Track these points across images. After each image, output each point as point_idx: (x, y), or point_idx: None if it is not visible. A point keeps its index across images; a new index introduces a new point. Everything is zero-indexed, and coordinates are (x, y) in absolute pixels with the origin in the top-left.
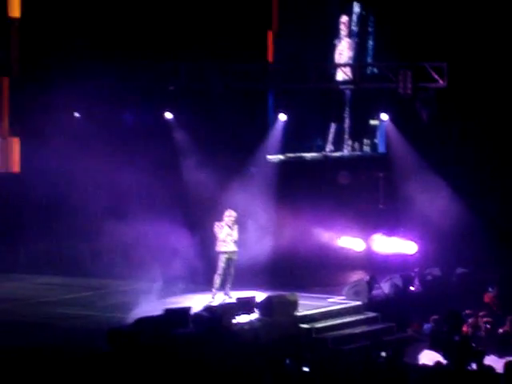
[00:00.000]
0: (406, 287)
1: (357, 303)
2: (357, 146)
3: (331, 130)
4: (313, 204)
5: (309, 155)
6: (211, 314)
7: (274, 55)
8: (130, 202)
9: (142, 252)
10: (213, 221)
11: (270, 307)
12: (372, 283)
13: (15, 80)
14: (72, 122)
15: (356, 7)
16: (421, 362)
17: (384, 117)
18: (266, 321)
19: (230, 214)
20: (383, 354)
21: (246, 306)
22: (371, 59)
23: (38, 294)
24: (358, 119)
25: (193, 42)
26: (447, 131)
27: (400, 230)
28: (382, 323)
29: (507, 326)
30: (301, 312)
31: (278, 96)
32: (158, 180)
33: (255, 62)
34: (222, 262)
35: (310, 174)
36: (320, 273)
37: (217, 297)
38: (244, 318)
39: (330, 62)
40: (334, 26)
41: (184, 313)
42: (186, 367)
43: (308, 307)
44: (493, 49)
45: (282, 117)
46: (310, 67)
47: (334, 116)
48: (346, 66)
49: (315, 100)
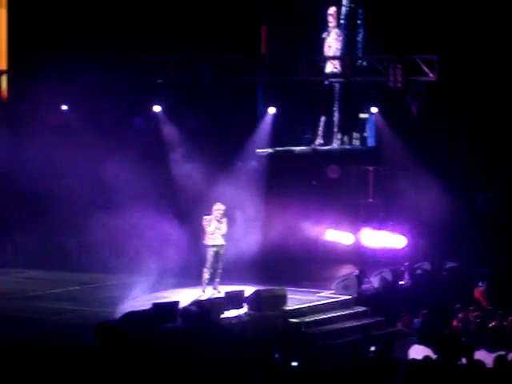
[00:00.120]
0: (395, 281)
1: (346, 297)
2: (346, 139)
3: (321, 123)
4: (302, 198)
5: (298, 149)
6: (199, 309)
7: (264, 48)
8: (118, 195)
9: (131, 246)
10: (202, 214)
11: (258, 302)
12: (361, 277)
13: (2, 73)
14: (59, 115)
15: (343, 1)
16: (410, 356)
17: (374, 110)
18: (254, 315)
19: (218, 208)
20: (372, 348)
21: (234, 300)
22: (361, 52)
23: (25, 288)
24: (348, 113)
25: (181, 34)
26: (437, 124)
27: (390, 224)
28: (371, 317)
29: (497, 320)
30: (290, 306)
31: (267, 89)
32: (146, 173)
33: (244, 55)
34: (210, 255)
35: (299, 167)
36: (309, 267)
37: (206, 291)
38: (233, 313)
39: (320, 55)
40: (323, 19)
41: (172, 307)
42: (174, 362)
43: (297, 301)
44: (483, 42)
45: (271, 110)
46: (299, 60)
47: (324, 109)
48: (335, 59)
49: (305, 93)
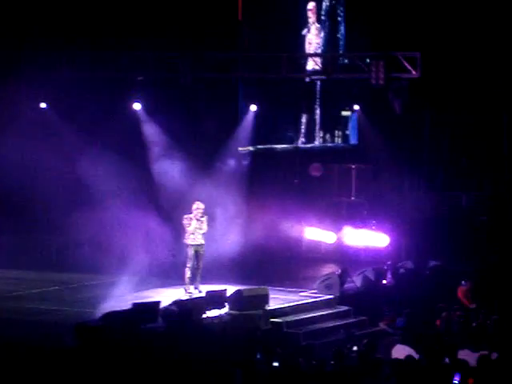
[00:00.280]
0: (378, 281)
1: (328, 297)
2: (328, 137)
3: (302, 121)
4: (284, 196)
5: (279, 147)
6: (180, 309)
7: (245, 45)
8: (98, 194)
9: (112, 245)
10: (182, 213)
11: (240, 301)
12: (344, 277)
13: None
14: (38, 113)
15: None
16: (393, 356)
17: (356, 108)
18: (236, 315)
19: (198, 207)
20: (355, 348)
21: (216, 300)
22: (342, 49)
23: (5, 288)
24: (330, 110)
25: (161, 31)
26: (420, 122)
27: (372, 223)
28: (354, 317)
29: (480, 319)
30: (272, 306)
31: (248, 86)
32: (126, 172)
33: (225, 52)
34: (191, 254)
35: (281, 165)
36: (291, 266)
37: (188, 290)
38: (214, 313)
39: (301, 52)
40: (303, 14)
41: (153, 307)
42: (155, 362)
43: (279, 301)
44: (466, 39)
45: (252, 108)
46: (281, 57)
47: (305, 107)
48: (317, 56)
49: (286, 91)
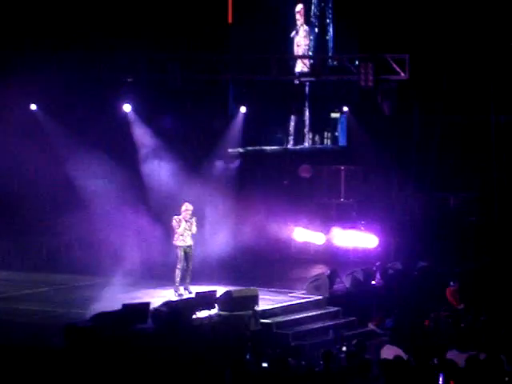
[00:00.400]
0: (367, 281)
1: (318, 298)
2: (317, 138)
3: (291, 122)
4: (273, 197)
5: (269, 148)
6: (170, 310)
7: (234, 47)
8: (89, 195)
9: (102, 246)
10: (171, 214)
11: (230, 302)
12: (333, 277)
13: None
14: (28, 115)
15: None
16: (382, 356)
17: (345, 109)
18: (225, 316)
19: (186, 208)
20: (344, 348)
21: (205, 301)
22: (331, 51)
23: None
24: (319, 112)
25: (151, 32)
26: (409, 124)
27: (361, 224)
28: (343, 318)
29: (469, 320)
30: (261, 307)
31: (238, 88)
32: (116, 173)
33: (215, 54)
34: (180, 256)
35: (271, 167)
36: (280, 267)
37: (178, 292)
38: (204, 313)
39: (290, 54)
40: (291, 16)
41: (143, 308)
42: (145, 363)
43: (268, 302)
44: (454, 41)
45: (242, 109)
46: (270, 59)
47: (294, 109)
48: (307, 58)
49: (276, 92)
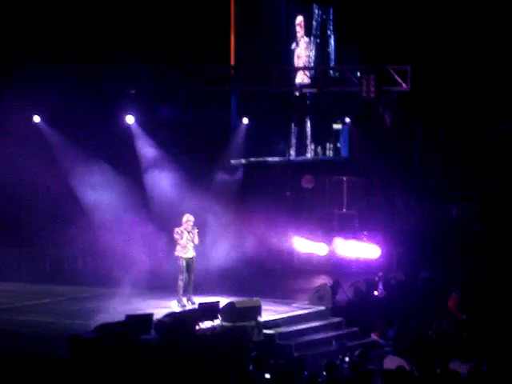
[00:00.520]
0: (369, 292)
1: (321, 308)
2: (320, 150)
3: (293, 134)
4: (275, 208)
5: (271, 159)
6: (174, 321)
7: (236, 58)
8: (91, 207)
9: (105, 258)
10: (174, 225)
11: (232, 313)
12: (336, 288)
13: None
14: (31, 126)
15: (315, 10)
16: (385, 367)
17: (347, 120)
18: (228, 326)
19: (188, 219)
20: (347, 359)
21: (208, 311)
22: (333, 63)
23: None
24: (321, 123)
25: (154, 44)
26: (410, 134)
27: (364, 234)
28: (346, 328)
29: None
30: (264, 317)
31: (240, 99)
32: (120, 184)
33: (217, 65)
34: (182, 267)
35: (273, 178)
36: (283, 277)
37: (181, 302)
38: (207, 324)
39: (293, 66)
40: (292, 29)
41: (146, 319)
42: (148, 374)
43: (271, 313)
44: (455, 52)
45: (244, 120)
46: (272, 71)
47: (296, 120)
48: (309, 69)
49: (278, 103)
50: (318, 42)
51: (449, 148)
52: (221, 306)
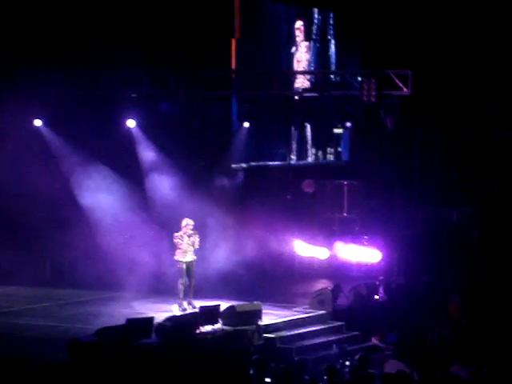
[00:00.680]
0: (370, 296)
1: (321, 312)
2: (320, 154)
3: (294, 138)
4: (276, 212)
5: (272, 163)
6: (174, 324)
7: (237, 63)
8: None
9: (106, 261)
10: (174, 229)
11: (233, 317)
12: (336, 292)
13: None
14: (32, 130)
15: (315, 14)
16: (385, 371)
17: (348, 125)
18: (229, 330)
19: (187, 223)
20: (347, 363)
21: (209, 315)
22: (333, 67)
23: None
24: (322, 127)
25: (155, 48)
26: (411, 139)
27: (364, 238)
28: (346, 332)
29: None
30: (265, 321)
31: (241, 103)
32: (121, 188)
33: (218, 69)
34: (183, 270)
35: (274, 182)
36: (284, 281)
37: (181, 306)
38: (207, 328)
39: (293, 70)
40: (291, 33)
41: (147, 323)
42: (149, 378)
43: (272, 316)
44: (456, 57)
45: (245, 124)
46: (273, 75)
47: (297, 124)
48: (310, 73)
49: (278, 108)
50: (318, 46)
51: (450, 152)
52: (221, 309)
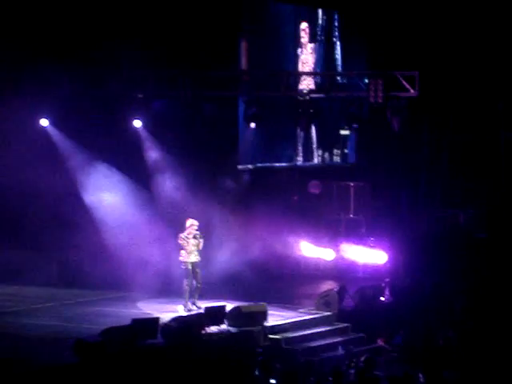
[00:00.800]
0: (376, 298)
1: (327, 314)
2: (327, 155)
3: (300, 139)
4: (282, 214)
5: (279, 165)
6: (180, 325)
7: (244, 64)
8: (98, 210)
9: (112, 262)
10: (180, 231)
11: (239, 317)
12: (342, 293)
13: None
14: (38, 130)
15: (320, 16)
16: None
17: (354, 126)
18: (234, 331)
19: (192, 224)
20: (353, 364)
21: (215, 316)
22: (340, 68)
23: (1, 304)
24: (328, 129)
25: (162, 49)
26: (418, 140)
27: (370, 240)
28: (352, 334)
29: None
30: (270, 322)
31: (248, 104)
32: (127, 188)
33: (225, 70)
34: (188, 271)
35: (280, 183)
36: (289, 283)
37: (187, 307)
38: (213, 329)
39: (300, 71)
40: (297, 34)
41: (152, 323)
42: (154, 379)
43: (278, 317)
44: (463, 58)
45: (252, 125)
46: (280, 76)
47: (303, 125)
48: (316, 74)
49: (285, 109)
50: (323, 48)
51: (456, 154)
52: (227, 310)
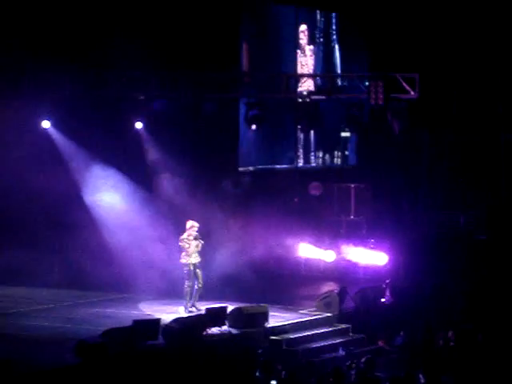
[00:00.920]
0: (376, 299)
1: (328, 315)
2: (328, 157)
3: (300, 141)
4: (283, 215)
5: (279, 166)
6: (181, 326)
7: (245, 66)
8: (100, 212)
9: (113, 263)
10: (178, 234)
11: (240, 319)
12: (343, 295)
13: None
14: (40, 131)
15: (318, 18)
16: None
17: (354, 128)
18: (236, 332)
19: (192, 225)
20: (354, 365)
21: (216, 317)
22: (339, 70)
23: (3, 305)
24: (329, 131)
25: (163, 51)
26: (418, 142)
27: (371, 241)
28: (352, 335)
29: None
30: (271, 324)
31: (249, 106)
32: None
33: (226, 72)
34: (189, 273)
35: (281, 185)
36: (290, 284)
37: (188, 308)
38: (214, 330)
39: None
40: (296, 36)
41: (153, 324)
42: (155, 380)
43: (278, 319)
44: (464, 60)
45: (253, 127)
46: (281, 78)
47: (303, 128)
48: (317, 76)
49: (286, 111)
50: (322, 50)
51: (457, 156)
52: (228, 311)
